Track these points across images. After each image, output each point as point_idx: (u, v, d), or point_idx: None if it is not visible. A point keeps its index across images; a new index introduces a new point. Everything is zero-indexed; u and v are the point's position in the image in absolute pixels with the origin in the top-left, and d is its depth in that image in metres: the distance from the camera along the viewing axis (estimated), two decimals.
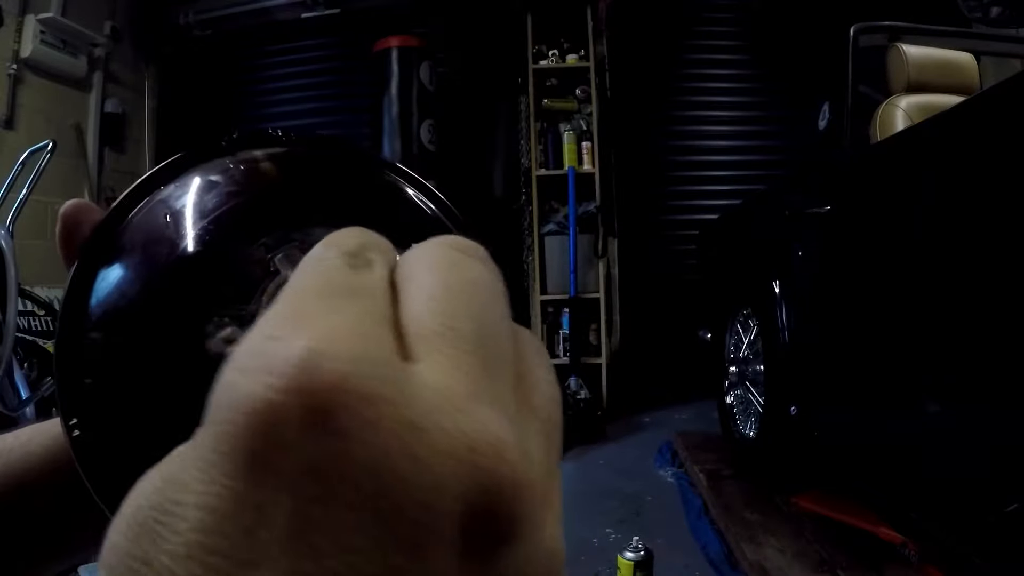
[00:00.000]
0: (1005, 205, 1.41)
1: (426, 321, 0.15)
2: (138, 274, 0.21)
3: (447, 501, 0.13)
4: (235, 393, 0.13)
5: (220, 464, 0.13)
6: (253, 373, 0.13)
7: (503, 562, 0.13)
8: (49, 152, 2.59)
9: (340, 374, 0.13)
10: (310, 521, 0.12)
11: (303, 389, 0.12)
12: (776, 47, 4.65)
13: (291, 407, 0.12)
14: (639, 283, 4.58)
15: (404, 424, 0.13)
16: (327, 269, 0.15)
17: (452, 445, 0.13)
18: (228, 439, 0.13)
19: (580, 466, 3.30)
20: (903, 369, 1.80)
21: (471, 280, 0.16)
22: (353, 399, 0.13)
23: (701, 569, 2.19)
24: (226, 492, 0.12)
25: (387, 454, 0.12)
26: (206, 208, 0.22)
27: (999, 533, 1.58)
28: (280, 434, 0.12)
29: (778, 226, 2.61)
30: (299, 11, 4.89)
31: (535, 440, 0.16)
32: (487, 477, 0.13)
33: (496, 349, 0.15)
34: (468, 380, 0.14)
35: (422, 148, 4.36)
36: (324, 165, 0.25)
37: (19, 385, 2.31)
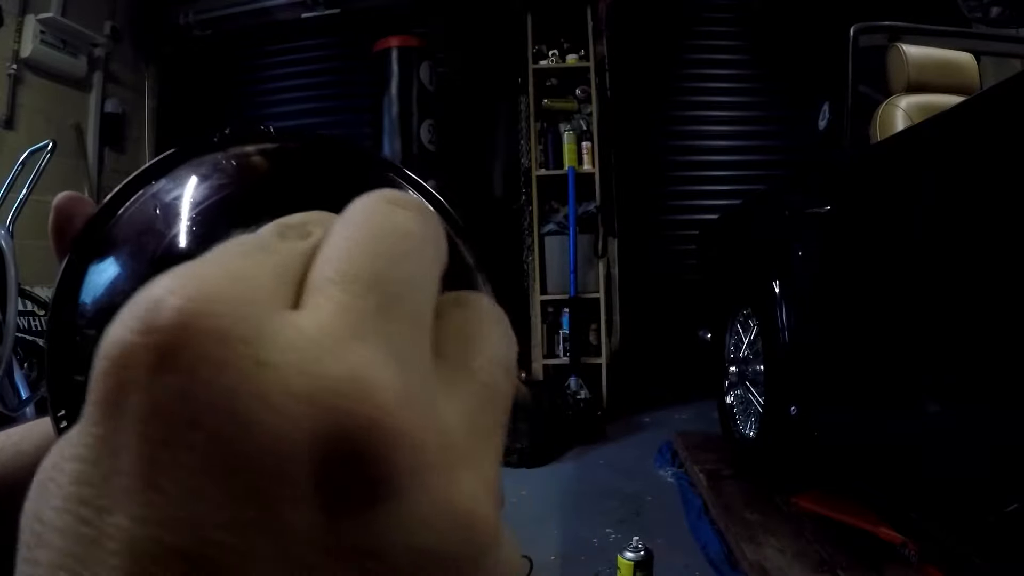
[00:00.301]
0: (1005, 205, 1.41)
1: (323, 270, 0.14)
2: (129, 268, 0.21)
3: (299, 447, 0.12)
4: (105, 339, 0.12)
5: (90, 413, 0.12)
6: (119, 319, 0.12)
7: (381, 519, 0.12)
8: (49, 152, 2.59)
9: (189, 312, 0.12)
10: (156, 464, 0.12)
11: (151, 328, 0.12)
12: (776, 47, 4.65)
13: (139, 346, 0.12)
14: (639, 283, 4.58)
15: (254, 362, 0.12)
16: (252, 237, 0.15)
17: (309, 385, 0.12)
18: (94, 387, 0.12)
19: (580, 466, 3.30)
20: (903, 369, 1.80)
21: (387, 227, 0.15)
22: (200, 337, 0.12)
23: (701, 569, 2.19)
24: (90, 439, 0.12)
25: (232, 393, 0.12)
26: (197, 202, 0.22)
27: (999, 533, 1.58)
28: (129, 375, 0.12)
29: (778, 226, 2.61)
30: (299, 11, 4.89)
31: (459, 399, 0.15)
32: (350, 420, 0.12)
33: (399, 297, 0.14)
34: (348, 322, 0.13)
35: (422, 148, 4.36)
36: (315, 161, 0.25)
37: (19, 385, 2.31)
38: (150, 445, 0.12)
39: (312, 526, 0.12)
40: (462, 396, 0.15)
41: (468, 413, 0.14)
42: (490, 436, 0.15)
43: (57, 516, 0.12)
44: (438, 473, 0.13)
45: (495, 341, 0.16)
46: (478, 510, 0.13)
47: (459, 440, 0.14)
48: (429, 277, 0.15)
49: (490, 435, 0.15)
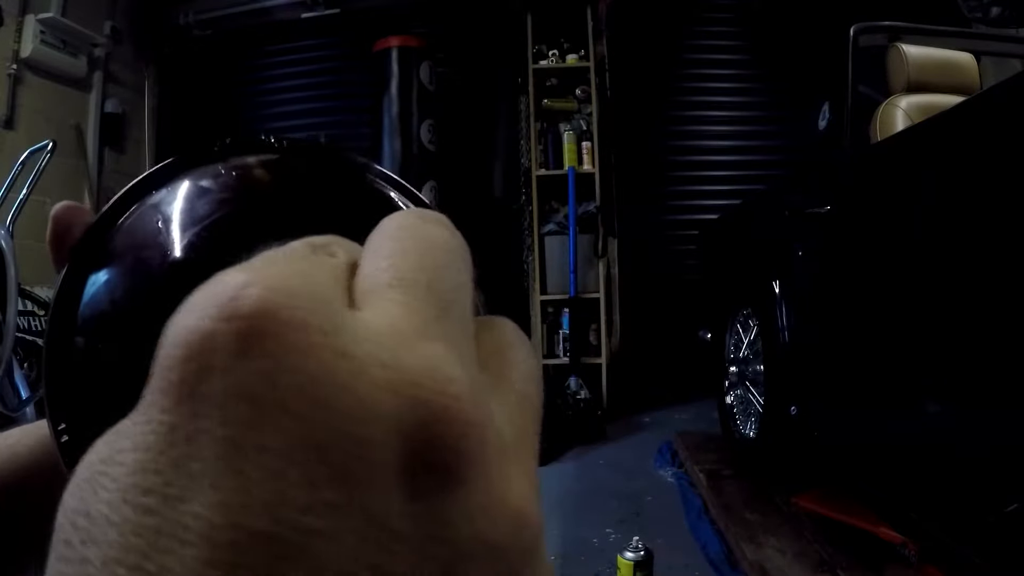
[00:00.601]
0: (1005, 205, 1.41)
1: (377, 277, 0.15)
2: (128, 279, 0.21)
3: (383, 434, 0.12)
4: (173, 329, 0.13)
5: (157, 401, 0.12)
6: (191, 309, 0.13)
7: (449, 506, 0.13)
8: (49, 152, 2.59)
9: (272, 302, 0.12)
10: (239, 448, 0.12)
11: (233, 315, 0.12)
12: (776, 47, 4.65)
13: (220, 333, 0.12)
14: (639, 283, 4.58)
15: (335, 352, 0.12)
16: (286, 248, 0.15)
17: (389, 377, 0.13)
18: (164, 374, 0.12)
19: (580, 466, 3.30)
20: (903, 369, 1.80)
21: (427, 239, 0.16)
22: (283, 325, 0.12)
23: (701, 569, 2.19)
24: (160, 427, 0.12)
25: (318, 380, 0.12)
26: (197, 215, 0.22)
27: (999, 533, 1.58)
28: (209, 360, 0.12)
29: (778, 226, 2.61)
30: (299, 11, 4.89)
31: (504, 404, 0.15)
32: (427, 410, 0.13)
33: (451, 301, 0.15)
34: (416, 322, 0.14)
35: (422, 148, 4.36)
36: (317, 173, 0.25)
37: (19, 385, 2.31)
38: (234, 429, 0.12)
39: (391, 510, 0.12)
40: (504, 400, 0.15)
41: (512, 416, 0.15)
42: (530, 439, 0.16)
43: (112, 510, 0.12)
44: (497, 468, 0.13)
45: (525, 357, 0.17)
46: (529, 507, 0.14)
47: (509, 439, 0.14)
48: (468, 287, 0.16)
49: (530, 440, 0.16)
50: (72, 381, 0.20)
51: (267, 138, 0.25)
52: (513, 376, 0.16)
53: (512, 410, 0.16)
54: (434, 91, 4.44)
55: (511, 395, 0.16)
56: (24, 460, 0.25)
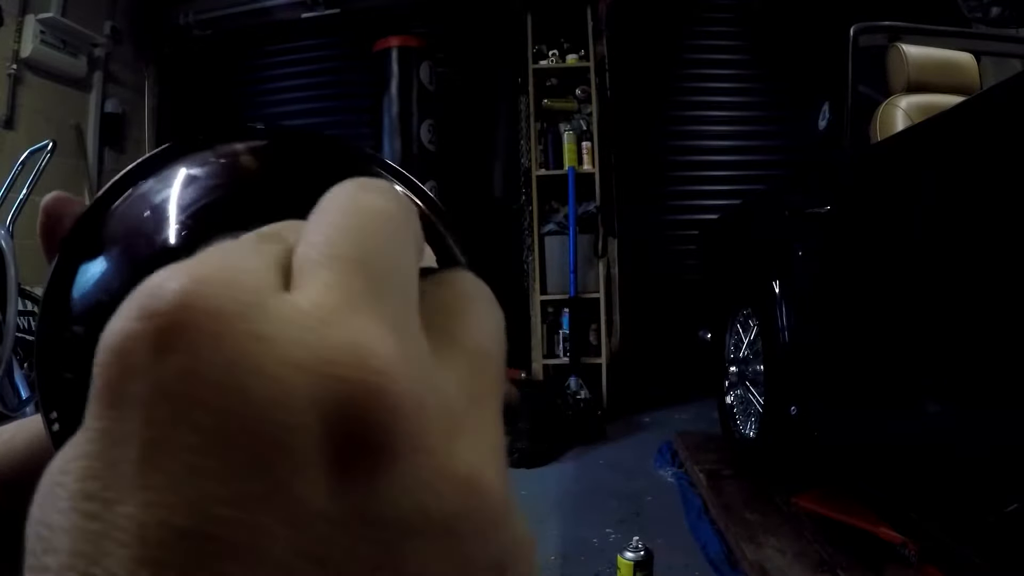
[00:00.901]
0: (1005, 205, 1.41)
1: (308, 255, 0.14)
2: (118, 268, 0.21)
3: (300, 416, 0.12)
4: (104, 334, 0.12)
5: (92, 408, 0.12)
6: (119, 312, 0.13)
7: (385, 485, 0.12)
8: (49, 152, 2.59)
9: (190, 293, 0.12)
10: (161, 446, 0.12)
11: (152, 313, 0.12)
12: (776, 47, 4.65)
13: (139, 332, 0.12)
14: (639, 283, 4.58)
15: (252, 336, 0.12)
16: (233, 242, 0.15)
17: (305, 355, 0.12)
18: (96, 380, 0.12)
19: (580, 466, 3.30)
20: (903, 369, 1.80)
21: (363, 210, 0.15)
22: (198, 315, 0.12)
23: (701, 569, 2.19)
24: (95, 434, 0.12)
25: (231, 367, 0.12)
26: (186, 201, 0.22)
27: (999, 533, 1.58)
28: (130, 361, 0.12)
29: (778, 226, 2.61)
30: (299, 11, 4.89)
31: (452, 368, 0.14)
32: (349, 387, 0.12)
33: (386, 272, 0.14)
34: (341, 295, 0.13)
35: (422, 148, 4.36)
36: (305, 159, 0.25)
37: (19, 385, 2.31)
38: (153, 428, 0.12)
39: (318, 495, 0.12)
40: (454, 365, 0.15)
41: (462, 380, 0.14)
42: (487, 402, 0.15)
43: (64, 517, 0.12)
44: (438, 438, 0.13)
45: (481, 313, 0.16)
46: (482, 474, 0.13)
47: (457, 406, 0.14)
48: (410, 254, 0.15)
49: (487, 401, 0.15)
50: (63, 371, 0.20)
51: (260, 126, 0.25)
52: (467, 335, 0.15)
53: (463, 373, 0.15)
54: (434, 91, 4.44)
55: (463, 356, 0.15)
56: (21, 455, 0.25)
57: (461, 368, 0.15)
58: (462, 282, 0.17)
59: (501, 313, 0.17)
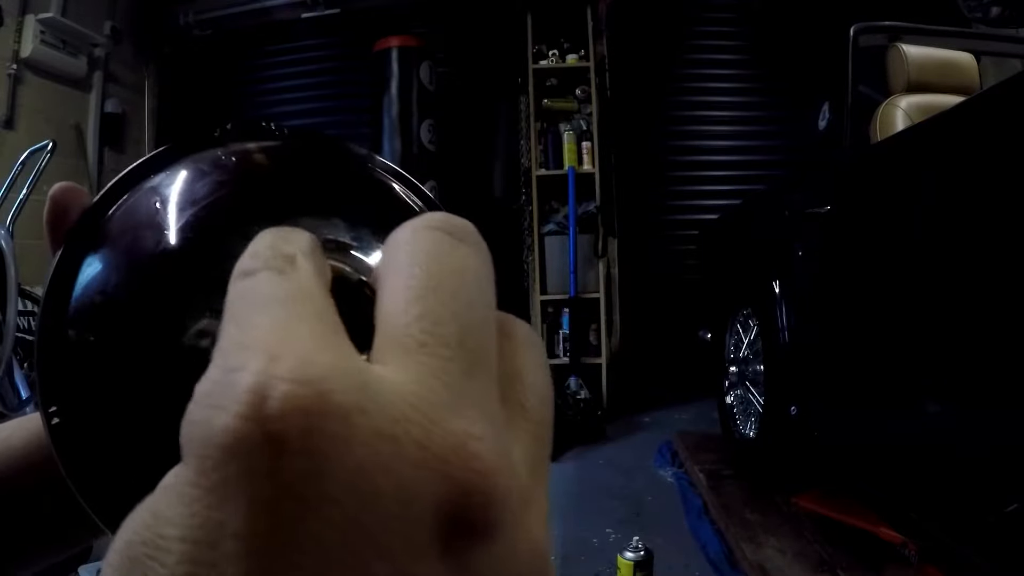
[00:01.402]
0: (1005, 205, 1.41)
1: (406, 326, 0.15)
2: (122, 263, 0.21)
3: (421, 511, 0.13)
4: (205, 428, 0.13)
5: (199, 497, 0.13)
6: (210, 404, 0.13)
7: (479, 557, 0.14)
8: (49, 152, 2.59)
9: (302, 396, 0.13)
10: (291, 541, 0.12)
11: (262, 416, 0.12)
12: (776, 47, 4.65)
13: (257, 435, 0.12)
14: (639, 283, 4.58)
15: (375, 434, 0.13)
16: (255, 280, 0.15)
17: (424, 457, 0.13)
18: (204, 473, 0.13)
19: (580, 466, 3.30)
20: (903, 369, 1.80)
21: (458, 272, 0.16)
22: (319, 418, 0.13)
23: (701, 569, 2.19)
24: (207, 523, 0.13)
25: (361, 469, 0.13)
26: (193, 198, 0.22)
27: (999, 533, 1.58)
28: (250, 462, 0.12)
29: (778, 226, 2.61)
30: (299, 11, 4.89)
31: (521, 442, 0.16)
32: (458, 487, 0.13)
33: (479, 351, 0.15)
34: (444, 388, 0.14)
35: (422, 148, 4.36)
36: (315, 159, 0.25)
37: (19, 385, 2.31)
38: (283, 524, 0.12)
39: (431, 571, 0.13)
40: (523, 438, 0.16)
41: (529, 454, 0.16)
42: (544, 471, 0.17)
43: None
44: (519, 515, 0.15)
45: (540, 375, 0.18)
46: (541, 541, 0.15)
47: (526, 482, 0.15)
48: (493, 325, 0.16)
49: (544, 470, 0.17)
50: (63, 366, 0.20)
51: (267, 124, 0.25)
52: (530, 403, 0.17)
53: (528, 442, 0.16)
54: (434, 91, 4.44)
55: (528, 426, 0.17)
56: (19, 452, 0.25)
57: (528, 441, 0.16)
58: (520, 337, 0.18)
59: (549, 368, 0.18)
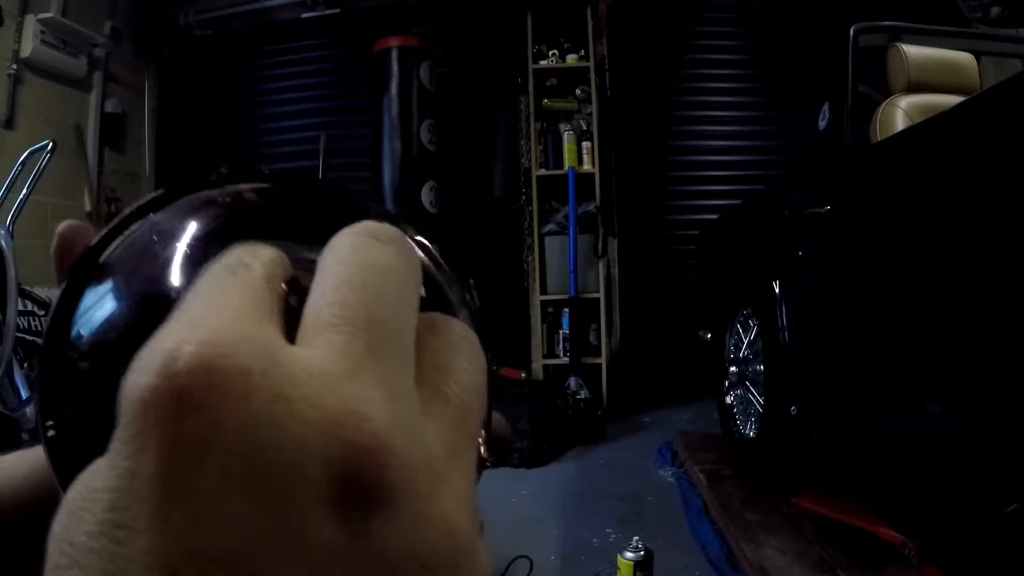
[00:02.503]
0: (1005, 205, 1.41)
1: (321, 310, 0.16)
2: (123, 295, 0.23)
3: (310, 467, 0.14)
4: (129, 389, 0.14)
5: (121, 449, 0.14)
6: (141, 367, 0.14)
7: (378, 529, 0.14)
8: (49, 152, 2.59)
9: (208, 357, 0.14)
10: (188, 487, 0.13)
11: (174, 372, 0.14)
12: (776, 47, 4.65)
13: (164, 390, 0.14)
14: (639, 283, 4.58)
15: (272, 395, 0.14)
16: (209, 276, 0.17)
17: (317, 416, 0.14)
18: (124, 425, 0.14)
19: (580, 466, 3.30)
20: (903, 369, 1.80)
21: (374, 266, 0.17)
22: (221, 375, 0.14)
23: (701, 569, 2.19)
24: (125, 472, 0.14)
25: (255, 422, 0.14)
26: (190, 235, 0.24)
27: (999, 533, 1.58)
28: (159, 414, 0.14)
29: (778, 226, 2.61)
30: (299, 11, 4.89)
31: (439, 423, 0.17)
32: (347, 446, 0.14)
33: (387, 334, 0.16)
34: (346, 360, 0.15)
35: (422, 148, 4.36)
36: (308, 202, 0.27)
37: (19, 385, 2.31)
38: (183, 472, 0.14)
39: (325, 530, 0.14)
40: (439, 420, 0.17)
41: (445, 435, 0.17)
42: (463, 455, 0.17)
43: (92, 539, 0.14)
44: (423, 487, 0.15)
45: (467, 367, 0.19)
46: (456, 518, 0.16)
47: (439, 460, 0.16)
48: (410, 311, 0.18)
49: (463, 454, 0.17)
50: (61, 387, 0.22)
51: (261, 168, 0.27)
52: (454, 392, 0.18)
53: (447, 427, 0.17)
54: (434, 91, 4.43)
55: (447, 410, 0.17)
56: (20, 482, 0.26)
57: (445, 423, 0.17)
58: (452, 331, 0.19)
59: (484, 362, 0.19)
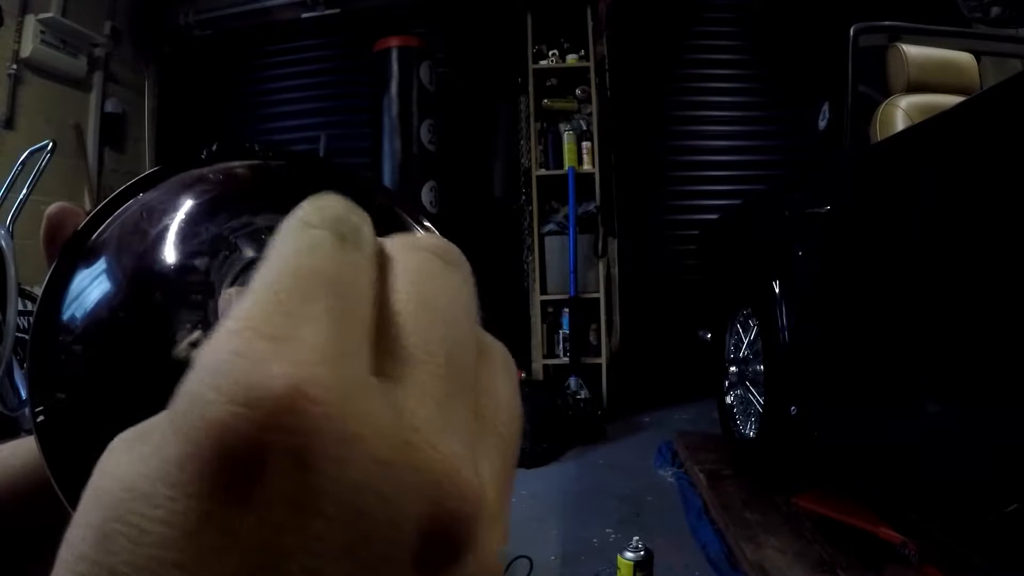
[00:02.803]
0: (1005, 205, 1.41)
1: (408, 341, 0.16)
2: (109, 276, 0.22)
3: (407, 530, 0.14)
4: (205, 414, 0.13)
5: (186, 484, 0.13)
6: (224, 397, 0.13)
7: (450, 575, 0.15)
8: (49, 152, 2.59)
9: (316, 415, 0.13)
10: (282, 548, 0.13)
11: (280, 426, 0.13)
12: (776, 47, 4.65)
13: (267, 443, 0.12)
14: (639, 283, 4.58)
15: (373, 460, 0.13)
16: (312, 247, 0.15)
17: (416, 480, 0.14)
18: (196, 461, 0.13)
19: (580, 466, 3.30)
20: (903, 369, 1.80)
21: (447, 292, 0.17)
22: (330, 441, 0.13)
23: (701, 569, 2.19)
24: (191, 512, 0.13)
25: (358, 489, 0.13)
26: (180, 213, 0.23)
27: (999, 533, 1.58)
28: (253, 466, 0.13)
29: (778, 226, 2.61)
30: (299, 11, 4.89)
31: (490, 459, 0.17)
32: (446, 509, 0.14)
33: (463, 371, 0.16)
34: (437, 410, 0.15)
35: (422, 148, 4.36)
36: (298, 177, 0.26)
37: (19, 385, 2.31)
38: (276, 531, 0.13)
39: None
40: (492, 455, 0.17)
41: (496, 471, 0.17)
42: (508, 490, 0.17)
43: (136, 572, 0.12)
44: (485, 536, 0.15)
45: (507, 392, 0.18)
46: (499, 558, 0.16)
47: (493, 500, 0.16)
48: (475, 345, 0.18)
49: (508, 489, 0.17)
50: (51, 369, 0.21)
51: (251, 146, 0.26)
52: (499, 419, 0.18)
53: (496, 459, 0.17)
54: (434, 91, 4.43)
55: (497, 442, 0.17)
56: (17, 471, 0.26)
57: (496, 458, 0.17)
58: (496, 358, 0.19)
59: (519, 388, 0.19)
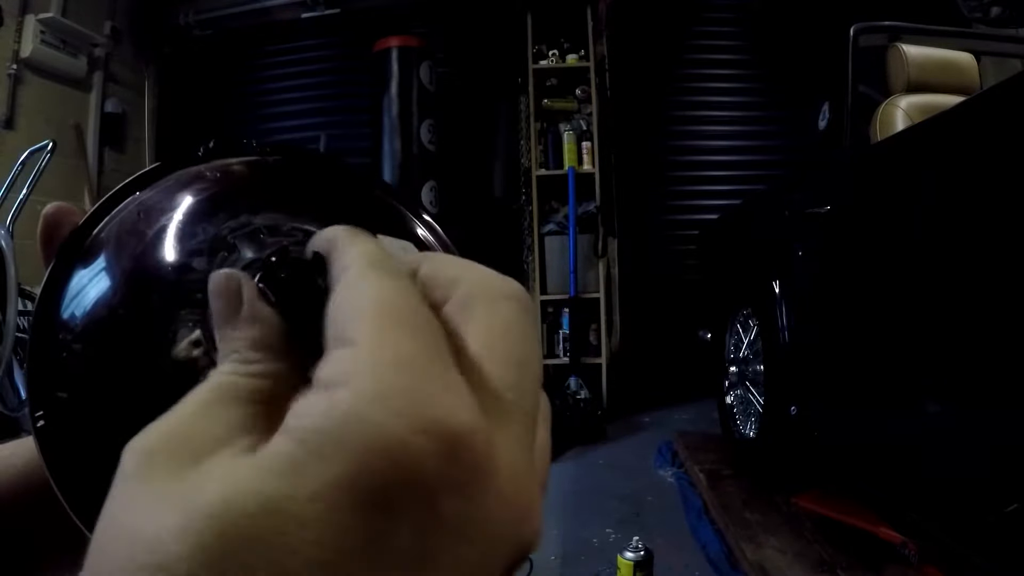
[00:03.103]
0: (1005, 205, 1.41)
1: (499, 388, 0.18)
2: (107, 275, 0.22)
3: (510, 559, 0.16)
4: (379, 435, 0.14)
5: (345, 503, 0.14)
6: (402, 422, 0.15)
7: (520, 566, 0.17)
8: (49, 152, 2.60)
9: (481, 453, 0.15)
10: (435, 567, 0.15)
11: (457, 459, 0.15)
12: (776, 47, 4.65)
13: (441, 473, 0.15)
14: (639, 283, 4.58)
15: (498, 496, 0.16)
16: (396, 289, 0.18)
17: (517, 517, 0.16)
18: (364, 478, 0.14)
19: (580, 466, 3.30)
20: (903, 369, 1.80)
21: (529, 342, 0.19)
22: (482, 475, 0.15)
23: (701, 569, 2.19)
24: (354, 530, 0.14)
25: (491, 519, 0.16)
26: (177, 211, 0.23)
27: (999, 533, 1.58)
28: (417, 489, 0.14)
29: (778, 226, 2.61)
30: (299, 11, 4.89)
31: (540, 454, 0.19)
32: (529, 547, 0.17)
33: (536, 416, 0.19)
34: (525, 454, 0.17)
35: (422, 148, 4.36)
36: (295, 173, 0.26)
37: (19, 385, 2.31)
38: (429, 552, 0.15)
39: None
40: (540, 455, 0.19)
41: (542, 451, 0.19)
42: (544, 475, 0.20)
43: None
44: None
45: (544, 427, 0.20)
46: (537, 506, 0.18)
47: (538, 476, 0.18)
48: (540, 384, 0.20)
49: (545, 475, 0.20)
50: (51, 371, 0.21)
51: (248, 142, 0.26)
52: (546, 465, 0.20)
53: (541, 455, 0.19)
54: (434, 91, 4.43)
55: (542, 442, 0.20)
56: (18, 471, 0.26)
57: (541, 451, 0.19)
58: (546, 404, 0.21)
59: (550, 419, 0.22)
